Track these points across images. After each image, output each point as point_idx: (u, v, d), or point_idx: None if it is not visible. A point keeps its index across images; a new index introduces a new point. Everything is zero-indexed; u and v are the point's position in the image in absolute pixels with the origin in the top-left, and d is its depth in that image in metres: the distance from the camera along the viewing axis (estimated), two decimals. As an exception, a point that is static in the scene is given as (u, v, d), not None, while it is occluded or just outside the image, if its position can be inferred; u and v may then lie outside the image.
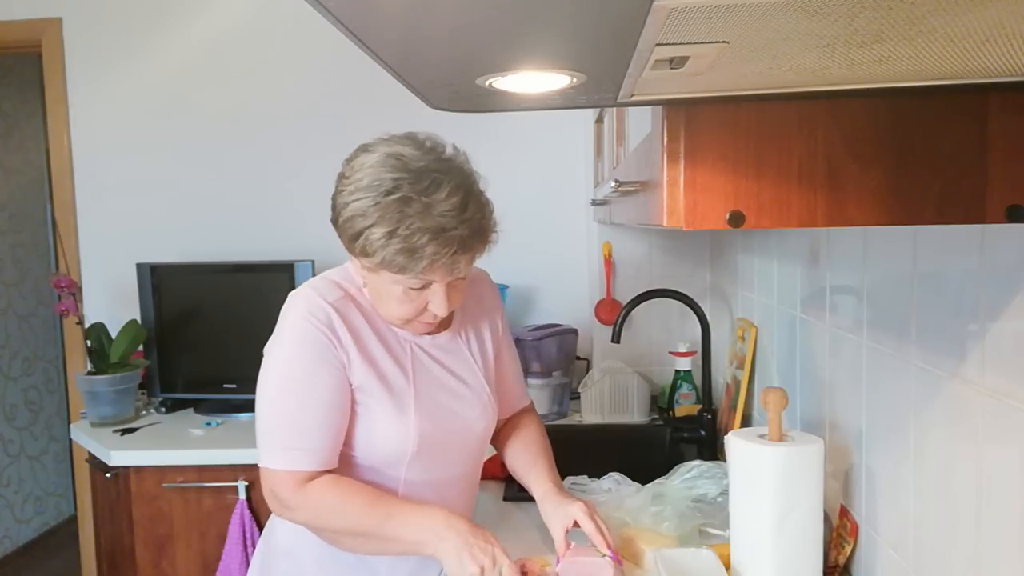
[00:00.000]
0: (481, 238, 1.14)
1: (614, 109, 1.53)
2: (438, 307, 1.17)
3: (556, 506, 1.29)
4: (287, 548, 1.30)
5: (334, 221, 1.16)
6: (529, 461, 1.39)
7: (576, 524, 1.26)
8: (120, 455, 2.16)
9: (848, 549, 1.20)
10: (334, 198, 1.16)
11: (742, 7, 0.43)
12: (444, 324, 1.30)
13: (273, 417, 1.19)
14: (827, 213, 0.70)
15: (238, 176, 2.79)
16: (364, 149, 1.15)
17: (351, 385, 1.20)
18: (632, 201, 1.09)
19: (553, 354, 2.30)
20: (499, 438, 1.46)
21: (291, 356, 1.19)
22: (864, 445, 1.17)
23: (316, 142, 2.74)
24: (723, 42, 0.51)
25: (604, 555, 1.21)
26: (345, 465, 1.22)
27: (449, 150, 1.16)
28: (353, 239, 1.12)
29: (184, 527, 2.18)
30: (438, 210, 1.07)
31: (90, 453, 2.33)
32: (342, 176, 1.15)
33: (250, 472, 2.14)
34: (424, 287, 1.15)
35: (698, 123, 0.70)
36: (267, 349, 1.22)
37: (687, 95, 0.69)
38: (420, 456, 1.23)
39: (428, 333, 1.27)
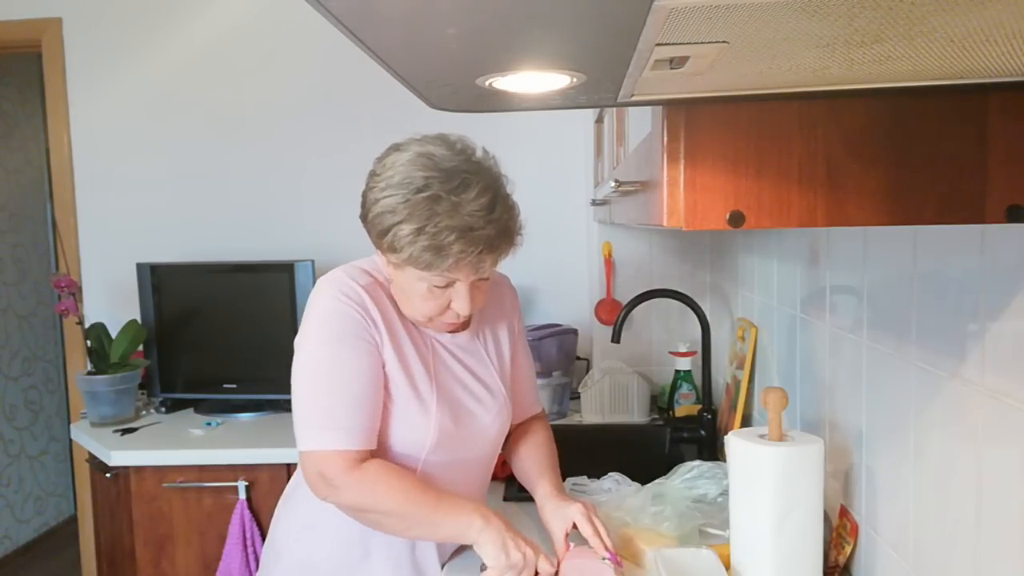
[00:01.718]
0: (507, 239, 1.15)
1: (614, 109, 1.53)
2: (461, 306, 1.18)
3: (555, 508, 1.29)
4: (295, 537, 1.31)
5: (363, 217, 1.17)
6: (534, 467, 1.40)
7: (575, 526, 1.26)
8: (120, 455, 2.16)
9: (848, 549, 1.20)
10: (364, 194, 1.17)
11: (742, 7, 0.43)
12: (463, 324, 1.31)
13: (314, 399, 1.18)
14: (827, 213, 0.70)
15: (238, 176, 2.79)
16: (396, 148, 1.17)
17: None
18: (632, 201, 1.09)
19: (553, 354, 2.30)
20: (508, 444, 1.46)
21: (325, 336, 1.18)
22: (864, 445, 1.17)
23: (316, 142, 2.73)
24: (723, 42, 0.51)
25: (603, 557, 1.22)
26: None
27: (479, 152, 1.17)
28: (381, 235, 1.13)
29: (184, 527, 2.18)
30: (466, 209, 1.09)
31: (90, 453, 2.33)
32: (373, 174, 1.16)
33: (250, 472, 2.14)
34: (448, 285, 1.16)
35: (698, 123, 0.70)
36: (298, 338, 1.22)
37: (687, 95, 0.69)
38: (436, 450, 1.24)
39: (449, 332, 1.28)
